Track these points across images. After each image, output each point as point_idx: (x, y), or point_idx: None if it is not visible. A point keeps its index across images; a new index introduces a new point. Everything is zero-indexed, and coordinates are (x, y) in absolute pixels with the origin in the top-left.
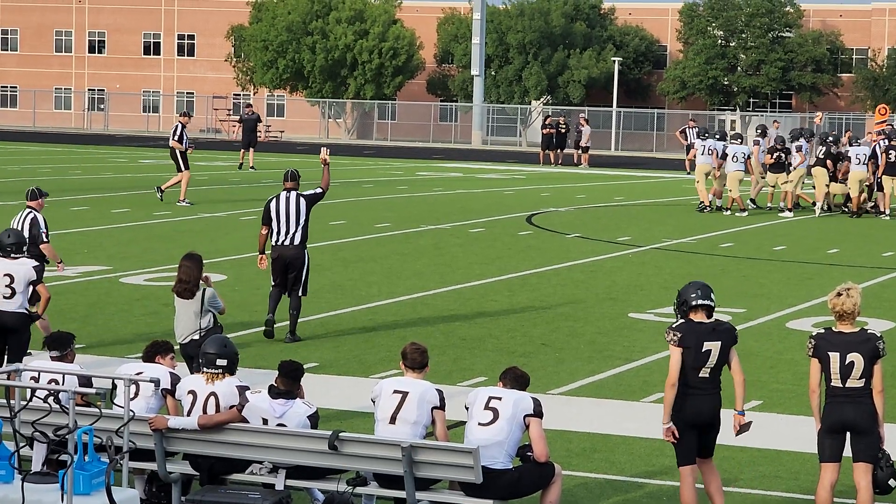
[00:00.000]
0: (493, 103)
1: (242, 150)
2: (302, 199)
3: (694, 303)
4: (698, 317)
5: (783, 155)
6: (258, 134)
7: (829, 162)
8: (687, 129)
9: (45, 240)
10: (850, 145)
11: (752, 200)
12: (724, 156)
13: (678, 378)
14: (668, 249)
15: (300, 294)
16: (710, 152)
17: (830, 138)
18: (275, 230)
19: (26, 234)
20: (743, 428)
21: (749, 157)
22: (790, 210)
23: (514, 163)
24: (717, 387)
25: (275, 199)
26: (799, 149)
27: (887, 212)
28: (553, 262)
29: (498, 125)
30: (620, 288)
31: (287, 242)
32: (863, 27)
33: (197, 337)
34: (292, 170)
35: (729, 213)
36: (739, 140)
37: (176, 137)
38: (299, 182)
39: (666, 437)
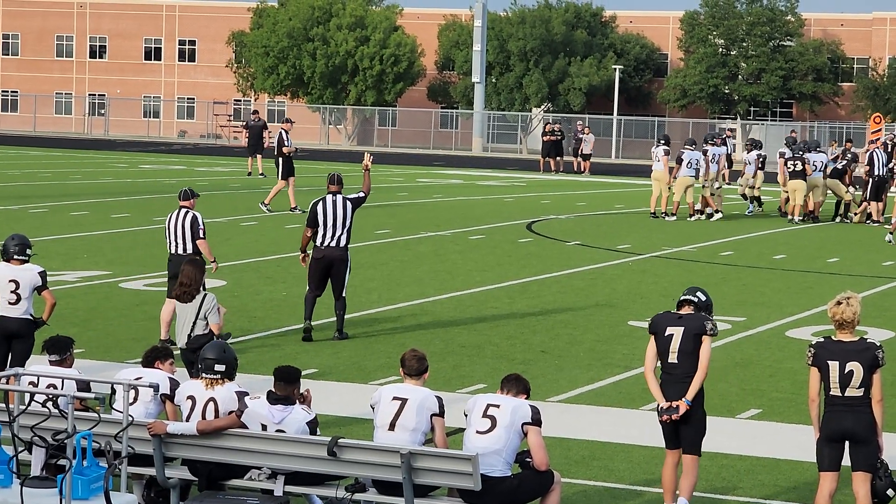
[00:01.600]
0: (493, 110)
1: (250, 158)
2: (348, 203)
3: (681, 298)
4: (681, 310)
5: (800, 163)
6: (264, 140)
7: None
8: (727, 140)
9: (201, 236)
10: (809, 152)
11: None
12: (679, 161)
13: (653, 365)
14: (668, 257)
15: (342, 294)
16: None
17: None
18: (321, 232)
19: (189, 233)
20: (668, 411)
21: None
22: (701, 213)
23: (515, 170)
24: (688, 375)
25: (321, 202)
26: (704, 153)
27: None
28: (553, 269)
29: (498, 132)
30: (620, 296)
31: (333, 244)
32: (864, 36)
33: (186, 342)
34: (337, 173)
35: (674, 218)
36: (693, 146)
37: (288, 144)
38: (343, 185)
39: (664, 418)
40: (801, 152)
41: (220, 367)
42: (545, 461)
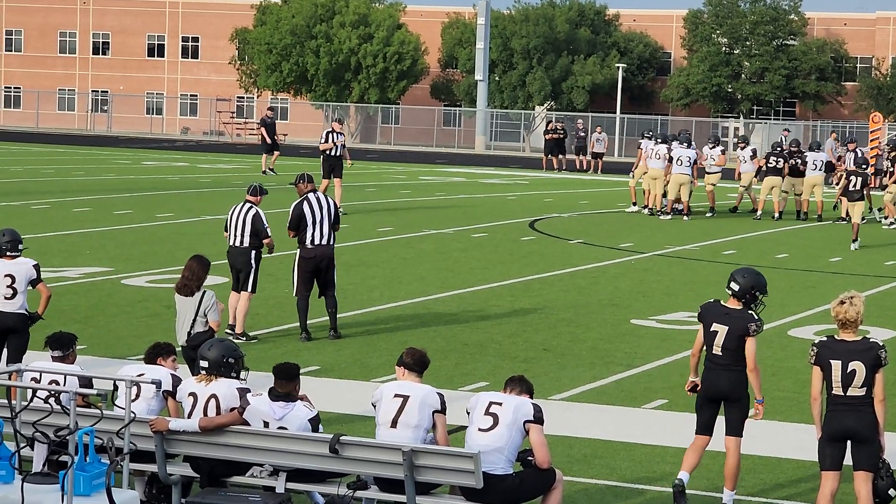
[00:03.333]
0: (496, 108)
1: (265, 155)
2: (331, 200)
3: (727, 285)
4: (729, 302)
5: (781, 161)
6: (276, 138)
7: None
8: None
9: (268, 234)
10: (810, 150)
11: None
12: (670, 159)
13: (699, 352)
14: (671, 256)
15: (333, 292)
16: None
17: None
18: (310, 231)
19: (248, 227)
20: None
21: (695, 162)
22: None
23: (517, 168)
24: (736, 363)
25: (305, 202)
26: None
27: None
28: (555, 267)
29: (501, 130)
30: (623, 294)
31: (324, 242)
32: (867, 36)
33: (186, 339)
34: (307, 173)
35: (669, 216)
36: (687, 144)
37: (326, 142)
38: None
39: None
40: (780, 149)
41: (203, 364)
42: (547, 459)
